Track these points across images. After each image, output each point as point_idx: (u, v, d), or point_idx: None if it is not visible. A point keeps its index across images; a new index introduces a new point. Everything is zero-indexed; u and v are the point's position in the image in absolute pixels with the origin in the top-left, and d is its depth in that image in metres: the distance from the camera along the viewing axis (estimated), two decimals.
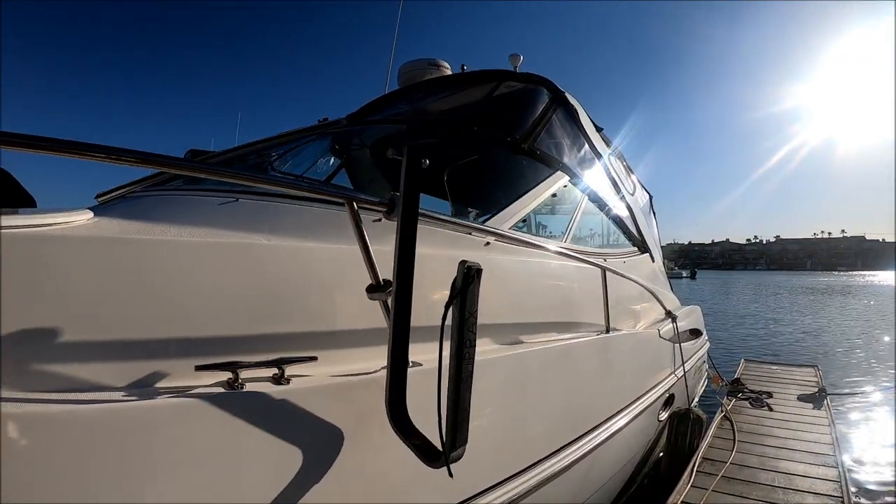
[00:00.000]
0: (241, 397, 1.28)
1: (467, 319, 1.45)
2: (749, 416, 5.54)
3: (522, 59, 4.39)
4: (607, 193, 4.50)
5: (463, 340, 1.44)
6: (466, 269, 1.47)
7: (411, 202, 1.50)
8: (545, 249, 2.75)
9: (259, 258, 1.61)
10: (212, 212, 2.05)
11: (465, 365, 1.45)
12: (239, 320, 1.47)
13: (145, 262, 1.37)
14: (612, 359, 3.25)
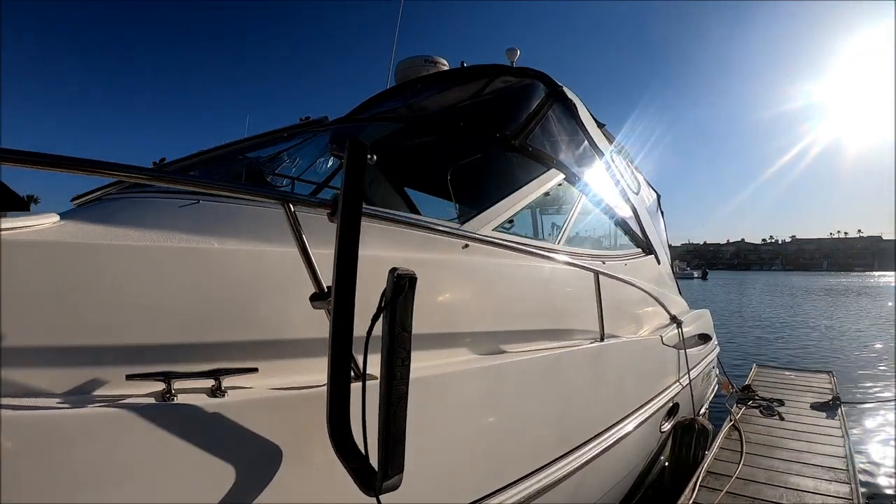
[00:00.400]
0: (170, 409, 1.22)
1: (398, 334, 1.32)
2: (759, 425, 5.26)
3: (519, 53, 4.19)
4: (608, 192, 4.26)
5: (393, 358, 1.31)
6: (396, 278, 1.34)
7: (353, 202, 1.38)
8: (525, 252, 2.54)
9: (203, 263, 1.55)
10: (171, 214, 1.94)
11: (397, 385, 1.32)
12: (178, 328, 1.41)
13: (84, 266, 1.34)
14: (607, 368, 3.04)
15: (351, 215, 1.39)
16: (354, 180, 1.40)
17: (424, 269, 2.11)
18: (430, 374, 1.83)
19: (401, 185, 4.85)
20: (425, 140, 4.03)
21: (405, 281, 1.35)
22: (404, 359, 1.33)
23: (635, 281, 3.76)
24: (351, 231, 1.39)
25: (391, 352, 1.31)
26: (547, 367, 2.42)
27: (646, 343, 3.73)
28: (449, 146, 3.80)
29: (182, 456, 1.19)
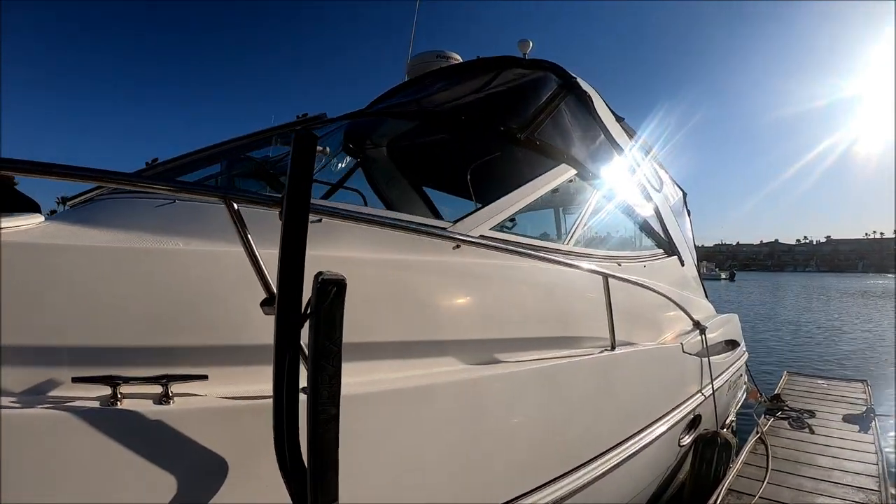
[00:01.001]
0: (113, 415, 1.18)
1: (324, 348, 1.19)
2: (787, 438, 4.85)
3: (532, 45, 3.93)
4: (627, 190, 3.97)
5: (318, 375, 1.18)
6: (321, 284, 1.19)
7: (300, 198, 1.25)
8: (519, 253, 2.28)
9: (158, 264, 1.48)
10: (144, 215, 1.84)
11: (324, 406, 1.19)
12: (131, 330, 1.36)
13: (36, 266, 1.31)
14: (617, 379, 2.76)
15: (296, 213, 1.24)
16: (301, 174, 1.25)
17: (409, 272, 1.92)
18: (407, 385, 1.68)
19: (418, 184, 4.68)
20: (438, 137, 3.84)
21: (331, 287, 1.19)
22: (332, 376, 1.19)
23: (651, 284, 3.46)
24: (296, 230, 1.24)
25: (316, 368, 1.18)
26: (543, 378, 2.18)
27: (664, 351, 3.42)
28: (461, 142, 3.61)
29: (122, 464, 1.14)
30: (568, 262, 2.56)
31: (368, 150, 4.29)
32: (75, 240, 1.47)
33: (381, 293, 1.85)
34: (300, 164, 1.25)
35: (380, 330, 1.82)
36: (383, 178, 4.50)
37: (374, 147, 4.32)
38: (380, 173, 4.48)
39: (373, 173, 4.44)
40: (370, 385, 1.62)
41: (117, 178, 1.30)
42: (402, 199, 4.54)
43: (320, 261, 1.74)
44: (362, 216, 1.77)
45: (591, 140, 3.63)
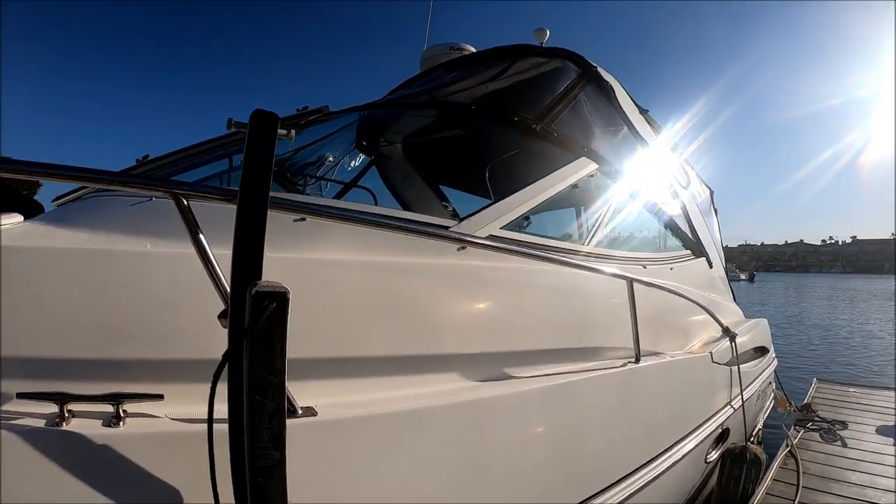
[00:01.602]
0: (57, 436, 1.07)
1: (263, 379, 0.98)
2: (818, 452, 4.47)
3: (549, 34, 3.65)
4: (653, 186, 3.66)
5: (256, 415, 0.98)
6: (254, 298, 0.97)
7: (257, 188, 1.05)
8: (531, 256, 2.01)
9: (123, 268, 1.35)
10: (117, 213, 1.68)
11: (265, 451, 0.98)
12: (85, 341, 1.23)
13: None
14: (642, 395, 2.47)
15: (252, 206, 1.04)
16: (258, 160, 1.05)
17: (406, 277, 1.67)
18: (400, 408, 1.46)
19: (435, 183, 4.46)
20: (454, 132, 3.60)
21: (268, 301, 0.98)
22: (272, 414, 0.99)
23: (679, 288, 3.16)
24: (252, 226, 1.03)
25: (252, 405, 0.97)
26: (556, 396, 1.91)
27: (692, 362, 3.10)
28: (478, 138, 3.36)
29: (63, 491, 1.03)
30: (588, 264, 2.28)
31: (382, 147, 4.07)
32: (32, 242, 1.34)
33: (374, 300, 1.62)
34: (257, 150, 1.05)
35: (371, 343, 1.59)
36: (398, 177, 4.29)
37: (389, 144, 4.10)
38: (395, 171, 4.27)
39: (387, 171, 4.23)
40: (357, 408, 1.40)
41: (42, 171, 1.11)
42: (419, 198, 4.32)
43: (302, 264, 1.54)
44: (345, 214, 1.53)
45: (613, 133, 3.34)
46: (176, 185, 1.16)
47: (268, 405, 0.99)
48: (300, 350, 1.47)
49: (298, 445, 1.20)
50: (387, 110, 3.82)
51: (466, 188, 4.53)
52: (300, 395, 1.36)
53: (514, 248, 1.89)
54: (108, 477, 1.07)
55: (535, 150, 2.92)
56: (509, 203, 2.26)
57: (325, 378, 1.50)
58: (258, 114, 1.04)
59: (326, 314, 1.54)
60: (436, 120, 3.51)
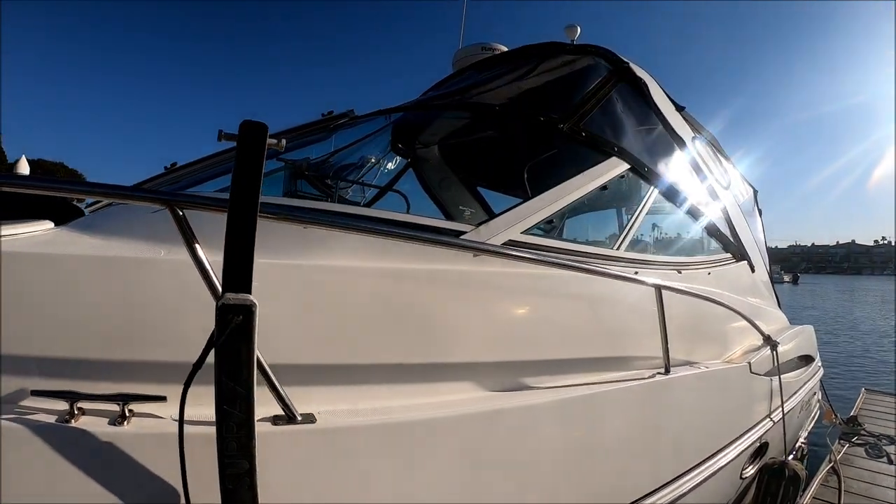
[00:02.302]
0: (66, 433, 1.11)
1: (231, 391, 1.02)
2: (862, 469, 4.16)
3: (580, 31, 3.51)
4: (690, 187, 3.45)
5: (224, 422, 1.02)
6: (219, 311, 1.00)
7: (246, 198, 1.06)
8: (549, 263, 1.90)
9: (134, 274, 1.38)
10: (138, 221, 1.69)
11: (234, 460, 1.01)
12: (97, 343, 1.28)
13: (13, 275, 1.25)
14: (671, 408, 2.31)
15: (242, 215, 1.05)
16: (249, 170, 1.06)
17: (418, 284, 1.61)
18: (400, 418, 1.41)
19: (472, 185, 4.40)
20: (489, 133, 3.52)
21: (233, 315, 1.00)
22: (240, 424, 1.02)
23: (715, 294, 2.97)
24: (242, 235, 1.04)
25: (221, 415, 1.01)
26: (571, 408, 1.80)
27: (728, 373, 2.90)
28: (513, 138, 3.27)
29: (68, 484, 1.08)
30: (610, 271, 2.15)
31: (419, 149, 4.02)
32: (55, 248, 1.40)
33: (383, 307, 1.57)
34: (248, 159, 1.06)
35: (380, 350, 1.55)
36: (435, 179, 4.23)
37: (424, 146, 4.05)
38: (432, 173, 4.21)
39: (424, 174, 4.18)
40: (357, 417, 1.35)
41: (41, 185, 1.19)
42: (456, 200, 4.26)
43: (311, 271, 1.50)
44: (342, 223, 1.49)
45: (647, 131, 3.16)
46: (170, 195, 1.18)
47: (235, 415, 1.02)
48: (307, 356, 1.44)
49: (295, 452, 1.23)
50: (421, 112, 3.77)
51: (504, 190, 4.44)
52: (306, 402, 1.34)
53: (526, 255, 1.78)
54: (112, 473, 1.11)
55: (566, 151, 2.80)
56: (532, 206, 2.16)
57: (332, 384, 1.48)
58: (247, 124, 1.05)
59: (335, 321, 1.51)
60: (469, 121, 3.43)
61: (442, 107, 3.16)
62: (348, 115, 3.10)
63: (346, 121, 3.11)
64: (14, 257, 1.28)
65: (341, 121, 3.11)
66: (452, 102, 3.01)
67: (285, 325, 1.43)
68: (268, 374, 1.21)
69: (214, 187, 2.52)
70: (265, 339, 1.31)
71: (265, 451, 1.15)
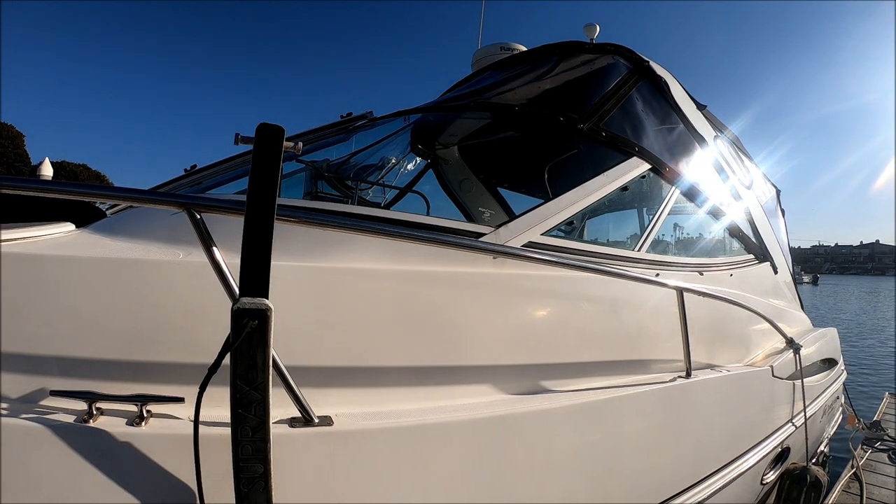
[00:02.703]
0: (83, 432, 1.11)
1: (246, 395, 1.01)
2: (885, 475, 4.05)
3: (599, 30, 3.45)
4: (711, 187, 3.38)
5: (239, 428, 1.01)
6: (234, 315, 0.99)
7: (263, 200, 1.05)
8: (569, 265, 1.84)
9: (154, 276, 1.38)
10: (157, 224, 1.71)
11: (249, 464, 1.01)
12: (117, 344, 1.28)
13: (35, 277, 1.28)
14: (691, 412, 2.26)
15: (259, 218, 1.04)
16: (265, 172, 1.05)
17: (437, 286, 1.60)
18: (417, 421, 1.39)
19: (493, 185, 4.38)
20: (509, 134, 3.49)
21: (248, 319, 0.99)
22: (255, 428, 1.02)
23: (737, 297, 2.90)
24: (259, 237, 1.03)
25: (235, 419, 1.01)
26: (588, 413, 1.76)
27: (750, 377, 2.83)
28: (533, 138, 3.24)
29: (85, 482, 1.08)
30: (634, 273, 2.10)
31: (439, 150, 4.01)
32: (75, 250, 1.41)
33: (402, 310, 1.56)
34: (265, 162, 1.04)
35: (398, 352, 1.53)
36: (456, 180, 4.22)
37: (444, 147, 4.03)
38: (452, 174, 4.21)
39: (445, 175, 4.17)
40: (375, 419, 1.34)
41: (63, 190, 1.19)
42: (476, 200, 4.25)
43: (329, 273, 1.49)
44: (359, 226, 1.47)
45: (668, 131, 3.10)
46: (188, 198, 1.18)
47: (250, 419, 1.02)
48: (325, 358, 1.43)
49: (311, 454, 1.22)
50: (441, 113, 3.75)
51: (524, 190, 4.41)
52: (323, 404, 1.34)
53: (545, 257, 1.74)
54: (128, 473, 1.11)
55: (587, 151, 2.76)
56: (552, 207, 2.12)
57: (350, 387, 1.47)
58: (264, 127, 1.03)
59: (353, 323, 1.50)
60: (489, 122, 3.40)
61: (461, 108, 3.13)
62: (367, 117, 3.09)
63: (365, 122, 3.10)
64: (35, 259, 1.30)
65: (360, 122, 3.10)
66: (471, 103, 2.98)
67: (303, 327, 1.42)
68: (285, 375, 1.20)
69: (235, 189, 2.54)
70: (283, 340, 1.30)
71: (282, 453, 1.15)
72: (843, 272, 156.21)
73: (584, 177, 2.39)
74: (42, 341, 1.24)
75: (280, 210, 1.08)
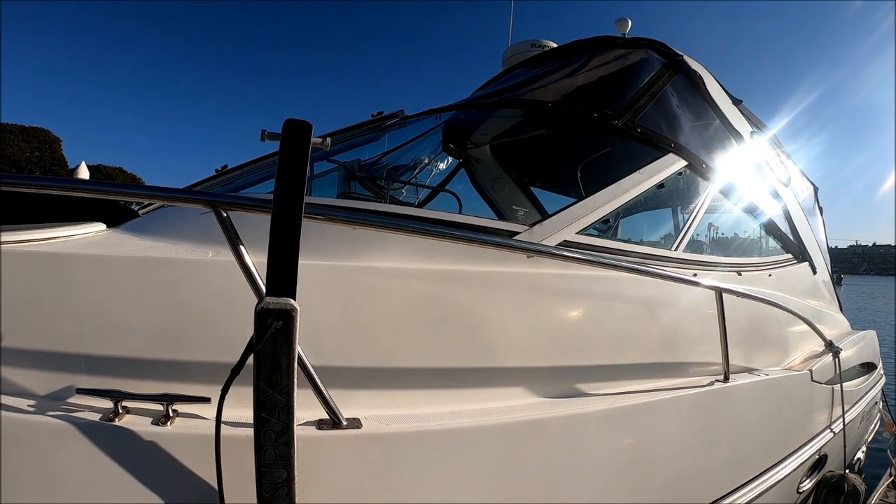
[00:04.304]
0: (108, 430, 1.10)
1: (269, 398, 0.97)
2: None
3: (631, 24, 3.33)
4: (749, 184, 3.22)
5: (263, 431, 0.97)
6: (258, 315, 0.95)
7: (291, 197, 1.01)
8: (605, 265, 1.75)
9: (182, 275, 1.36)
10: (188, 223, 1.70)
11: (271, 468, 0.97)
12: (145, 342, 1.27)
13: (65, 275, 1.28)
14: (729, 417, 2.13)
15: (287, 216, 1.00)
16: (293, 169, 1.01)
17: (469, 286, 1.55)
18: (447, 425, 1.34)
19: (525, 184, 4.29)
20: (542, 132, 3.40)
21: (272, 320, 0.94)
22: (279, 433, 0.98)
23: (777, 298, 2.75)
24: (287, 235, 0.99)
25: (258, 422, 0.97)
26: (622, 418, 1.67)
27: (789, 381, 2.67)
28: (566, 137, 3.15)
29: (110, 481, 1.06)
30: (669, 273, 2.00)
31: (470, 149, 3.94)
32: (105, 249, 1.40)
33: (432, 310, 1.51)
34: (292, 159, 1.00)
35: (428, 354, 1.49)
36: (488, 179, 4.15)
37: (476, 146, 3.96)
38: (484, 173, 4.13)
39: (477, 174, 4.09)
40: (403, 423, 1.30)
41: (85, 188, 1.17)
42: (509, 200, 4.16)
43: (358, 272, 1.45)
44: (391, 223, 1.41)
45: (704, 127, 2.96)
46: (215, 196, 1.14)
47: (274, 423, 0.98)
48: (355, 359, 1.39)
49: (339, 457, 1.19)
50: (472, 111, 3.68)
51: (557, 189, 4.31)
52: (352, 406, 1.30)
53: (581, 256, 1.66)
54: (153, 472, 1.09)
55: (622, 148, 2.66)
56: (587, 205, 2.03)
57: (380, 388, 1.43)
58: (291, 123, 1.00)
59: (384, 323, 1.45)
60: (521, 120, 3.32)
61: (492, 105, 3.05)
62: (398, 116, 3.04)
63: (396, 121, 3.06)
64: (65, 258, 1.29)
65: (391, 121, 3.06)
66: (503, 100, 2.90)
67: (333, 327, 1.38)
68: (313, 377, 1.16)
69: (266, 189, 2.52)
70: (312, 341, 1.26)
71: (309, 456, 1.11)
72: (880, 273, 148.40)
73: (619, 174, 2.29)
74: (70, 339, 1.23)
75: (308, 208, 1.04)
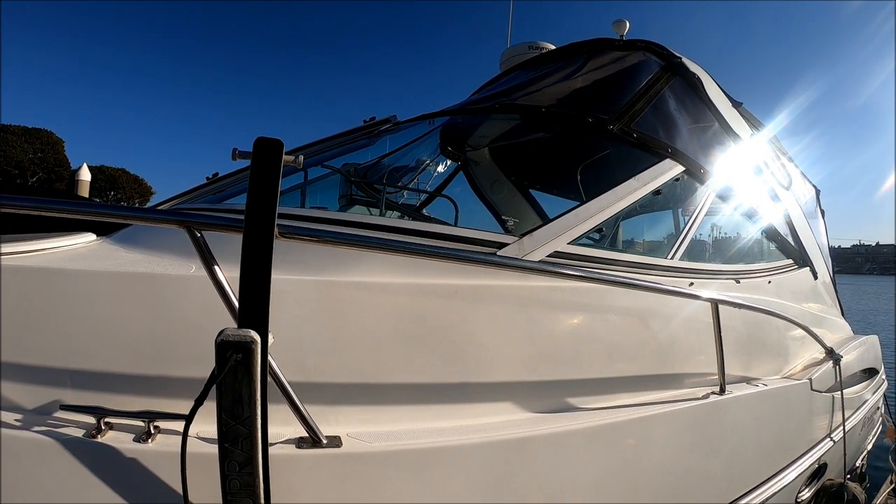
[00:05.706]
0: (90, 447, 1.09)
1: (232, 429, 0.94)
2: None
3: (629, 26, 3.24)
4: (749, 189, 3.13)
5: (226, 462, 0.95)
6: (218, 347, 0.91)
7: (262, 217, 0.98)
8: (593, 279, 1.67)
9: (164, 291, 1.33)
10: (177, 234, 1.59)
11: (236, 499, 0.95)
12: (128, 358, 1.25)
13: (55, 290, 1.26)
14: (725, 430, 2.06)
15: (258, 235, 0.98)
16: (264, 188, 0.98)
17: (454, 300, 1.49)
18: (430, 444, 1.29)
19: (524, 187, 4.22)
20: (540, 134, 3.33)
21: (232, 352, 0.90)
22: (243, 464, 0.94)
23: (777, 306, 2.67)
24: (258, 254, 0.98)
25: (222, 453, 0.95)
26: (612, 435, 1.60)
27: (787, 392, 2.58)
28: (564, 140, 3.08)
29: (93, 498, 1.05)
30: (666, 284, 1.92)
31: (469, 152, 3.87)
32: (89, 263, 1.39)
33: (416, 325, 1.46)
34: (263, 179, 0.97)
35: (412, 370, 1.43)
36: (487, 182, 4.08)
37: (474, 149, 3.89)
38: (483, 177, 4.07)
39: (476, 177, 4.03)
40: (384, 441, 1.24)
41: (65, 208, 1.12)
42: (508, 203, 4.10)
43: (340, 287, 1.42)
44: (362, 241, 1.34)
45: (703, 130, 2.87)
46: (187, 216, 1.12)
47: (237, 454, 0.95)
48: (336, 375, 1.33)
49: (320, 477, 1.15)
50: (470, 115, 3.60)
51: (558, 192, 4.24)
52: (334, 422, 1.26)
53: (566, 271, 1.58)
54: (134, 489, 1.08)
55: (618, 153, 2.58)
56: (580, 215, 1.95)
57: (361, 404, 1.37)
58: (262, 142, 0.96)
59: (366, 338, 1.40)
60: (519, 123, 3.25)
61: (486, 111, 2.98)
62: (391, 121, 2.98)
63: (390, 126, 2.99)
64: (50, 273, 1.27)
65: (384, 127, 3.00)
66: (497, 105, 2.82)
67: (315, 343, 1.33)
68: (290, 395, 1.12)
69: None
70: (295, 356, 1.25)
71: (288, 476, 1.07)
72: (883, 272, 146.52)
73: (614, 180, 2.21)
74: (56, 354, 1.21)
75: (284, 227, 1.01)
